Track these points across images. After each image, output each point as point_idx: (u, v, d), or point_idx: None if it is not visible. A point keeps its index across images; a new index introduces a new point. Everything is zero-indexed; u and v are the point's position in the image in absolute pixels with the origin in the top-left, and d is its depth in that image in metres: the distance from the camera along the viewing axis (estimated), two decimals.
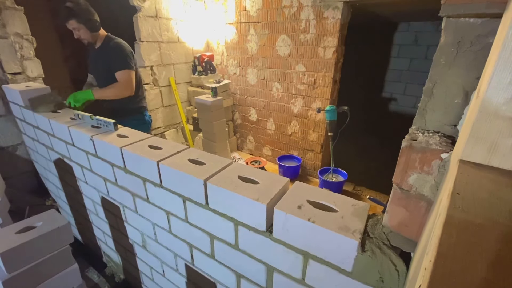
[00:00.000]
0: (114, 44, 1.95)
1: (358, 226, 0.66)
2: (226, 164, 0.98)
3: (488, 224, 0.34)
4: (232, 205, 0.84)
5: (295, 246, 0.74)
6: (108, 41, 1.97)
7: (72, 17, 1.79)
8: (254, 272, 0.89)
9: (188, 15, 3.51)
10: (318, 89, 3.05)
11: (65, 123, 1.48)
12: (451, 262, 0.30)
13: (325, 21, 2.75)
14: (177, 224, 1.09)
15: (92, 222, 1.78)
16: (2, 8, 2.04)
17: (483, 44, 0.51)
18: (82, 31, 1.86)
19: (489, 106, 0.40)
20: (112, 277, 1.86)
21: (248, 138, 4.09)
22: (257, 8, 3.22)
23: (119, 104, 2.05)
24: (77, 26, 1.83)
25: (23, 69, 2.22)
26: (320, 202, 0.76)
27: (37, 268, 1.09)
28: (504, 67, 0.37)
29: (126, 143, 1.18)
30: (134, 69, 1.97)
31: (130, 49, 1.99)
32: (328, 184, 2.96)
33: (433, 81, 0.59)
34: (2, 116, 2.17)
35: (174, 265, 1.26)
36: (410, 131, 0.64)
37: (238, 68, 3.73)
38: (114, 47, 1.94)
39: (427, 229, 0.53)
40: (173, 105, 3.69)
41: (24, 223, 1.14)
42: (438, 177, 0.57)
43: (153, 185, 1.08)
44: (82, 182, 1.61)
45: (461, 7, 0.50)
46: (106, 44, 1.97)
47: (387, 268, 0.62)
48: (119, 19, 3.15)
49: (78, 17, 1.80)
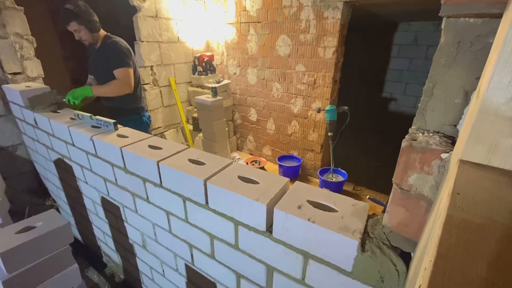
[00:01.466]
0: (111, 42, 1.95)
1: (358, 226, 0.66)
2: (226, 164, 0.98)
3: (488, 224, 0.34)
4: (232, 205, 0.84)
5: (295, 246, 0.74)
6: (106, 40, 1.98)
7: (73, 19, 1.80)
8: (254, 272, 0.89)
9: (188, 15, 3.51)
10: (318, 89, 3.05)
11: (65, 123, 1.48)
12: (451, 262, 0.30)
13: (325, 21, 2.75)
14: (177, 224, 1.09)
15: (92, 222, 1.78)
16: (2, 8, 2.04)
17: (483, 44, 0.51)
18: (83, 33, 1.88)
19: (489, 106, 0.39)
20: (112, 277, 1.86)
21: (248, 138, 4.09)
22: (257, 8, 3.22)
23: (117, 103, 2.05)
24: (78, 27, 1.84)
25: (23, 69, 2.22)
26: (320, 202, 0.76)
27: (37, 268, 1.09)
28: (504, 67, 0.37)
29: (126, 143, 1.18)
30: (132, 67, 1.98)
31: (127, 47, 2.00)
32: (328, 184, 2.96)
33: (433, 81, 0.59)
34: (2, 116, 2.17)
35: (174, 265, 1.26)
36: (410, 131, 0.64)
37: (238, 68, 3.73)
38: (111, 45, 1.94)
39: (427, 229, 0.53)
40: (173, 105, 3.69)
41: (24, 223, 1.14)
42: (438, 177, 0.57)
43: (153, 185, 1.08)
44: (82, 182, 1.60)
45: (461, 7, 0.50)
46: (104, 43, 1.98)
47: (387, 268, 0.62)
48: (119, 19, 3.15)
49: (79, 18, 1.81)
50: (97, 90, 1.91)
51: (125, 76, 1.93)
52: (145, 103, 2.30)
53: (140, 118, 2.21)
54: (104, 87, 1.93)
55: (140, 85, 2.19)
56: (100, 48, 1.99)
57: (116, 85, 1.93)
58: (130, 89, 1.98)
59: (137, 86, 2.11)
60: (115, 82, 1.93)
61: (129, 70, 1.94)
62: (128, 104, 2.11)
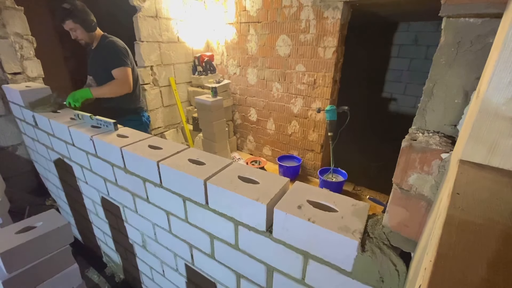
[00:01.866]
0: (108, 42, 1.96)
1: (358, 226, 0.66)
2: (226, 164, 0.98)
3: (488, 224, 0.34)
4: (232, 205, 0.84)
5: (295, 246, 0.74)
6: (103, 40, 1.98)
7: (69, 17, 1.81)
8: (254, 272, 0.89)
9: (188, 15, 3.51)
10: (318, 89, 3.05)
11: (65, 123, 1.48)
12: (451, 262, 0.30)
13: (325, 21, 2.75)
14: (177, 224, 1.09)
15: (92, 222, 1.78)
16: (2, 8, 2.04)
17: (483, 44, 0.51)
18: (79, 31, 1.88)
19: (489, 106, 0.39)
20: (112, 277, 1.86)
21: (248, 138, 4.09)
22: (257, 8, 3.22)
23: (116, 103, 2.05)
24: (73, 26, 1.85)
25: (23, 69, 2.22)
26: (320, 202, 0.76)
27: (37, 268, 1.08)
28: (504, 67, 0.37)
29: (126, 143, 1.18)
30: (130, 66, 1.98)
31: (124, 46, 2.00)
32: (328, 184, 2.96)
33: (433, 81, 0.58)
34: (2, 116, 2.17)
35: (174, 265, 1.26)
36: (410, 131, 0.64)
37: (238, 68, 3.73)
38: (108, 45, 1.95)
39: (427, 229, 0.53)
40: (173, 105, 3.69)
41: (24, 223, 1.13)
42: (438, 177, 0.57)
43: (153, 185, 1.08)
44: (82, 182, 1.61)
45: (461, 7, 0.50)
46: (101, 44, 1.98)
47: (387, 268, 0.62)
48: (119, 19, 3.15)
49: (75, 17, 1.82)
50: (96, 91, 1.92)
51: (123, 76, 1.93)
52: (144, 103, 2.30)
53: (140, 118, 2.21)
54: (103, 88, 1.93)
55: (139, 85, 2.18)
56: (97, 49, 1.99)
57: (115, 85, 1.93)
58: (130, 89, 1.98)
59: (136, 86, 2.11)
60: (114, 82, 1.93)
61: (127, 69, 1.95)
62: (127, 104, 2.11)
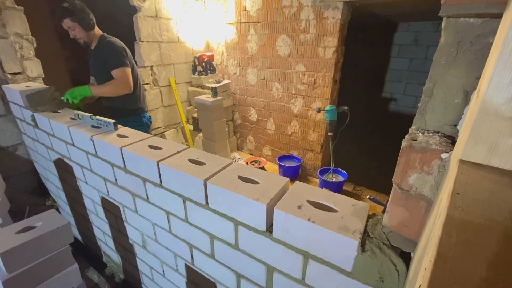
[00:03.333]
0: (107, 42, 1.96)
1: (358, 226, 0.66)
2: (226, 164, 0.98)
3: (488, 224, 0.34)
4: (232, 205, 0.84)
5: (295, 246, 0.74)
6: (102, 41, 1.98)
7: (67, 16, 1.81)
8: (254, 272, 0.89)
9: (188, 15, 3.51)
10: (318, 89, 3.05)
11: (65, 123, 1.48)
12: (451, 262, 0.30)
13: (325, 21, 2.75)
14: (177, 224, 1.09)
15: (92, 222, 1.78)
16: (2, 8, 2.03)
17: (483, 44, 0.51)
18: (77, 30, 1.88)
19: (489, 106, 0.39)
20: (112, 277, 1.86)
21: (248, 138, 4.09)
22: (257, 8, 3.22)
23: (117, 103, 2.05)
24: (72, 25, 1.85)
25: (23, 69, 2.22)
26: (320, 202, 0.76)
27: (37, 268, 1.08)
28: (504, 67, 0.37)
29: (126, 143, 1.18)
30: (129, 66, 1.97)
31: (123, 46, 2.00)
32: (328, 184, 2.96)
33: (433, 81, 0.58)
34: (2, 116, 2.17)
35: (174, 265, 1.26)
36: (410, 131, 0.64)
37: (238, 68, 3.73)
38: (107, 45, 1.95)
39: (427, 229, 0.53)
40: (173, 105, 3.69)
41: (24, 223, 1.13)
42: (438, 177, 0.57)
43: (153, 185, 1.08)
44: (82, 182, 1.60)
45: (461, 7, 0.50)
46: (100, 44, 1.99)
47: (387, 268, 0.62)
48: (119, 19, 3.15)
49: (73, 15, 1.82)
50: (96, 89, 1.92)
51: (123, 76, 1.93)
52: (145, 104, 2.29)
53: (140, 119, 2.21)
54: (102, 87, 1.93)
55: (140, 85, 2.18)
56: (97, 49, 1.99)
57: (115, 85, 1.93)
58: (130, 89, 1.97)
59: (136, 86, 2.10)
60: (113, 82, 1.93)
61: (126, 69, 1.94)
62: (128, 105, 2.10)
